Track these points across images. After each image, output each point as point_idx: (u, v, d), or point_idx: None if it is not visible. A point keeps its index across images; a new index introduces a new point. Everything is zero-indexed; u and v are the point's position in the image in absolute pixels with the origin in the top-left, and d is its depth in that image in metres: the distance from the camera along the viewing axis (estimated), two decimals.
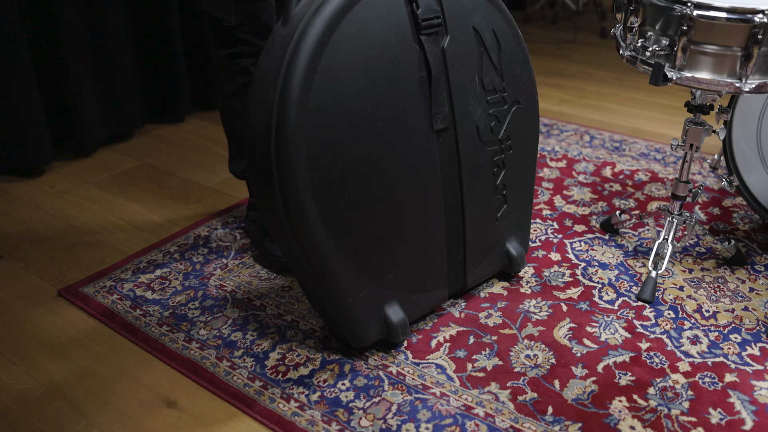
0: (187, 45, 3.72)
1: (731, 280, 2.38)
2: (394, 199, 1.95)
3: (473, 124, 2.08)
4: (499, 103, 2.14)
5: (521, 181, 2.30)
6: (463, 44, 2.02)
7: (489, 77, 2.10)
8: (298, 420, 1.84)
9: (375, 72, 1.83)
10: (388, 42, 1.84)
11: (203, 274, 2.45)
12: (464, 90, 2.04)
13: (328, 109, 1.76)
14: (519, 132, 2.22)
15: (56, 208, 2.91)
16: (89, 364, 2.06)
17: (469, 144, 2.09)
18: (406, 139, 1.93)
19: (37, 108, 3.10)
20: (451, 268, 2.19)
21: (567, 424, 1.82)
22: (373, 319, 2.02)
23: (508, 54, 2.15)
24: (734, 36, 1.93)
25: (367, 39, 1.80)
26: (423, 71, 1.93)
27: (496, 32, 2.11)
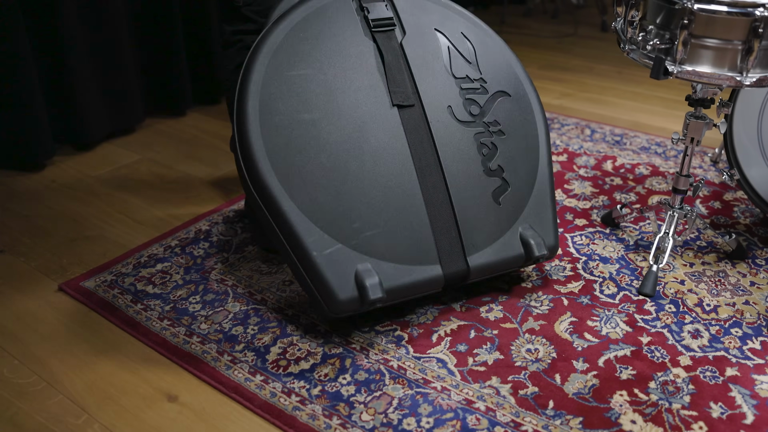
0: (188, 39, 3.72)
1: (732, 274, 2.38)
2: (355, 162, 2.08)
3: (443, 104, 2.23)
4: (477, 90, 2.29)
5: (527, 168, 2.28)
6: (422, 40, 2.28)
7: (458, 66, 2.30)
8: (299, 414, 1.84)
9: (329, 58, 2.15)
10: (342, 37, 2.19)
11: (204, 268, 2.45)
12: (428, 74, 2.24)
13: (282, 79, 2.09)
14: (512, 121, 2.31)
15: (57, 202, 2.91)
16: (90, 359, 2.06)
17: (441, 121, 2.21)
18: (364, 109, 2.14)
19: (38, 102, 3.10)
20: (443, 245, 2.12)
21: (568, 418, 1.82)
22: (344, 279, 1.98)
23: (486, 53, 2.37)
24: (735, 30, 1.93)
25: (320, 36, 2.17)
26: (377, 57, 2.22)
27: (465, 34, 2.37)
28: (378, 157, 2.10)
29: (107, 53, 3.37)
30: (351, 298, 1.98)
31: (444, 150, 2.18)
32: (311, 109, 2.08)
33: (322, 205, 2.00)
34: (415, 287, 2.07)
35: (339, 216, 2.01)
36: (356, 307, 2.00)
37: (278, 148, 2.02)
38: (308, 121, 2.07)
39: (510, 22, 5.81)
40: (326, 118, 2.09)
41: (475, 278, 2.18)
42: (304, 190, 2.00)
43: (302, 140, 2.04)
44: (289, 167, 2.01)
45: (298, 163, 2.02)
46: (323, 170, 2.03)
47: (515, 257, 2.20)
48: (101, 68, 3.37)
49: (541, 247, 2.19)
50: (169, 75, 3.70)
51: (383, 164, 2.10)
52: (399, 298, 2.07)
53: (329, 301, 1.98)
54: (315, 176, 2.02)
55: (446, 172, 2.16)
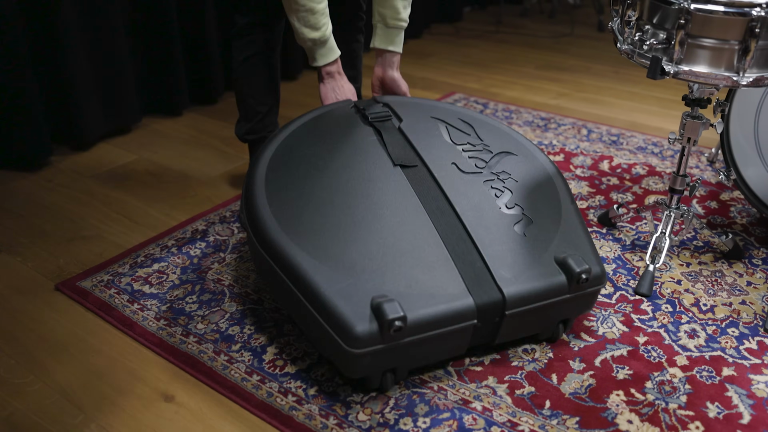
0: (185, 39, 3.72)
1: (729, 273, 2.38)
2: (363, 209, 2.03)
3: (448, 161, 2.24)
4: (481, 152, 2.32)
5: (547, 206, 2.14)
6: (420, 124, 2.40)
7: (458, 137, 2.37)
8: (295, 414, 1.84)
9: (332, 142, 2.28)
10: (343, 128, 2.35)
11: (201, 268, 2.45)
12: (429, 143, 2.31)
13: (288, 156, 2.23)
14: (521, 170, 2.28)
15: (54, 202, 2.91)
16: (87, 359, 2.06)
17: (448, 174, 2.19)
18: (368, 170, 2.18)
19: (35, 102, 3.09)
20: (468, 276, 1.88)
21: (564, 418, 1.82)
22: (359, 310, 1.76)
23: (485, 129, 2.45)
24: (732, 29, 1.93)
25: (323, 130, 2.35)
26: (371, 135, 2.34)
27: (462, 118, 2.49)
28: (386, 204, 2.05)
29: (104, 53, 3.37)
30: (370, 331, 1.73)
31: (454, 195, 2.11)
32: (315, 173, 2.14)
33: (332, 249, 1.90)
34: (444, 319, 1.81)
35: (350, 257, 1.88)
36: (377, 340, 1.75)
37: (284, 205, 2.03)
38: (313, 184, 2.10)
39: (507, 22, 5.81)
40: (331, 178, 2.12)
41: (513, 308, 1.88)
42: (311, 239, 1.92)
43: (307, 196, 2.06)
44: (296, 220, 1.98)
45: (306, 215, 1.99)
46: (330, 219, 1.99)
47: (556, 282, 1.93)
48: (98, 68, 3.37)
49: (581, 263, 1.93)
50: (166, 75, 3.70)
51: (392, 209, 2.04)
52: (427, 331, 1.80)
53: (345, 336, 1.75)
54: (321, 225, 1.97)
55: (460, 212, 2.05)
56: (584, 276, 1.91)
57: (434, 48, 5.07)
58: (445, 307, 1.81)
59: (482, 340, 1.96)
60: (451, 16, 5.76)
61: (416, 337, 1.79)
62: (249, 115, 2.77)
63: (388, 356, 1.80)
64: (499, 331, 1.94)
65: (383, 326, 1.72)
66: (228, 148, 3.38)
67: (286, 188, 2.08)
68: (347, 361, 1.78)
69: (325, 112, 2.46)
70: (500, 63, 4.75)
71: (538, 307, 1.93)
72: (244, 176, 3.00)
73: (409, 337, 1.78)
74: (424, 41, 5.22)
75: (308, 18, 2.38)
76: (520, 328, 1.97)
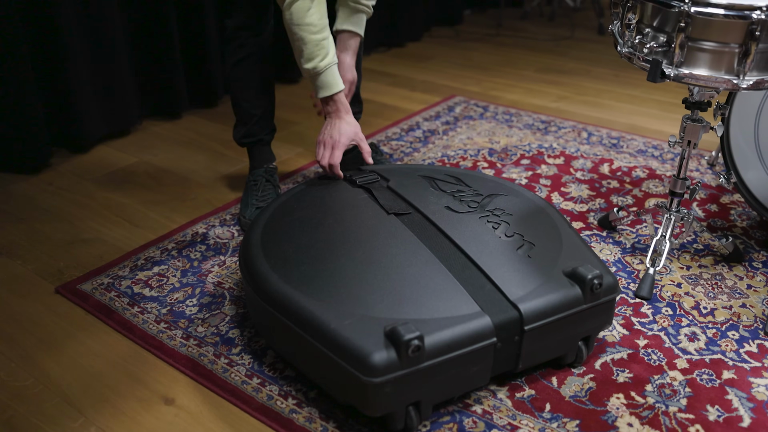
0: (184, 41, 3.72)
1: (729, 277, 2.38)
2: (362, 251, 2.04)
3: (441, 206, 2.28)
4: (471, 195, 2.35)
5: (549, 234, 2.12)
6: (409, 181, 2.45)
7: (446, 186, 2.42)
8: (295, 417, 1.84)
9: (321, 205, 2.33)
10: (334, 192, 2.41)
11: (201, 271, 2.45)
12: (419, 194, 2.35)
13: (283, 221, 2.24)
14: (516, 207, 2.30)
15: (54, 205, 2.91)
16: (87, 362, 2.06)
17: (443, 215, 2.22)
18: (363, 221, 2.22)
19: (34, 105, 3.09)
20: (480, 297, 1.84)
21: (565, 421, 1.82)
22: (373, 339, 1.69)
23: (472, 179, 2.48)
24: (732, 33, 1.93)
25: (312, 193, 2.41)
26: (362, 195, 2.38)
27: (449, 173, 2.53)
28: (385, 247, 2.06)
29: (103, 56, 3.37)
30: (387, 357, 1.66)
31: (453, 231, 2.12)
32: (311, 230, 2.16)
33: (336, 289, 1.87)
34: (463, 340, 1.74)
35: (356, 293, 1.85)
36: (396, 366, 1.66)
37: (283, 260, 2.01)
38: (309, 238, 2.11)
39: (507, 25, 5.81)
40: (327, 232, 2.15)
41: (531, 322, 1.82)
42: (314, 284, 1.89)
43: (305, 249, 2.06)
44: (296, 270, 1.96)
45: (305, 265, 1.98)
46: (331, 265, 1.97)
47: (571, 294, 1.88)
48: (97, 71, 3.37)
49: (590, 269, 1.89)
50: (165, 77, 3.70)
51: (392, 250, 2.04)
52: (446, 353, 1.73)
53: (362, 366, 1.66)
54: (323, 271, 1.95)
55: (461, 244, 2.05)
56: (597, 282, 1.87)
57: (434, 51, 5.07)
58: (462, 327, 1.75)
59: (506, 367, 1.88)
60: (451, 19, 5.75)
61: (436, 360, 1.71)
62: (244, 119, 2.78)
63: (409, 385, 1.70)
64: (521, 353, 1.86)
65: (400, 348, 1.64)
66: (227, 150, 3.38)
67: (284, 246, 2.08)
68: (367, 395, 1.68)
69: (314, 181, 2.50)
70: (500, 66, 4.75)
71: (557, 321, 1.87)
72: (244, 179, 3.00)
73: (428, 361, 1.70)
74: (425, 44, 5.22)
75: (302, 48, 2.38)
76: (542, 348, 1.90)
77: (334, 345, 1.71)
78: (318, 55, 2.38)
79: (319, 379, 1.87)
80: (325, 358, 1.74)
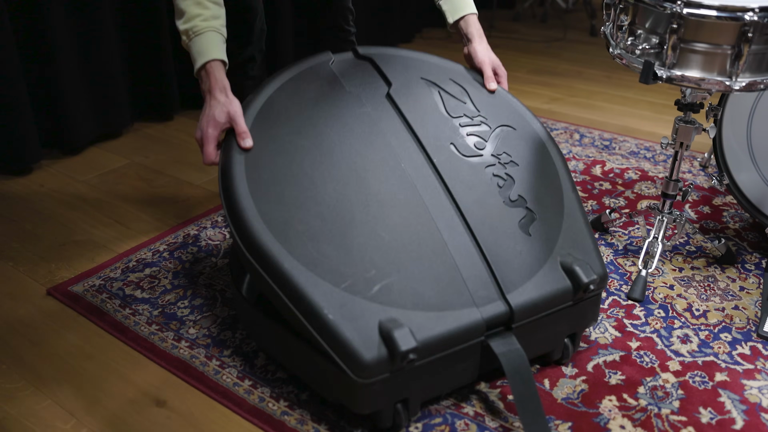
0: (176, 43, 3.70)
1: (721, 278, 2.38)
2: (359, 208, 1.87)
3: (446, 141, 2.08)
4: (478, 126, 2.15)
5: (551, 196, 2.04)
6: (411, 88, 2.20)
7: (453, 107, 2.18)
8: (287, 419, 1.83)
9: (315, 115, 2.06)
10: (324, 94, 2.13)
11: (193, 272, 2.44)
12: (424, 117, 2.12)
13: (267, 137, 1.99)
14: (522, 151, 2.13)
15: (45, 206, 2.90)
16: (78, 363, 2.05)
17: (447, 158, 2.04)
18: (361, 153, 1.99)
19: (25, 106, 3.08)
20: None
21: (557, 424, 1.81)
22: (367, 336, 1.65)
23: (480, 93, 2.26)
24: (724, 34, 1.93)
25: (302, 93, 2.12)
26: (365, 107, 2.11)
27: (454, 79, 2.29)
28: (384, 201, 1.90)
29: (94, 57, 3.36)
30: (379, 357, 1.63)
31: (455, 186, 1.96)
32: (301, 161, 1.94)
33: (329, 258, 1.75)
34: (452, 338, 1.73)
35: (349, 267, 1.75)
36: (387, 368, 1.65)
37: (271, 204, 1.83)
38: (300, 174, 1.91)
39: (499, 27, 5.82)
40: (320, 168, 1.94)
41: (521, 319, 1.81)
42: (305, 246, 1.76)
43: (296, 193, 1.87)
44: (286, 223, 1.80)
45: (295, 218, 1.81)
46: (324, 221, 1.82)
47: (562, 289, 1.87)
48: (88, 72, 3.37)
49: (589, 272, 1.87)
50: (157, 79, 3.69)
51: (391, 207, 1.89)
52: (436, 353, 1.72)
53: (353, 365, 1.64)
54: (316, 229, 1.80)
55: (463, 208, 1.93)
56: (591, 286, 1.86)
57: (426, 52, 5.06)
58: (453, 324, 1.72)
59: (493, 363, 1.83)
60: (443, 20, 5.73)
61: (425, 360, 1.70)
62: None
63: (398, 383, 1.70)
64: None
65: (395, 356, 1.62)
66: None
67: (270, 183, 1.88)
68: (355, 393, 1.68)
69: (304, 71, 2.20)
70: None
71: (545, 317, 1.86)
72: None
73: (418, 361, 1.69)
74: (416, 45, 5.23)
75: (178, 4, 2.07)
76: (528, 344, 1.86)
77: (327, 334, 1.67)
78: (194, 15, 2.04)
79: (305, 374, 1.88)
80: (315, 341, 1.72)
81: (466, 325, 1.73)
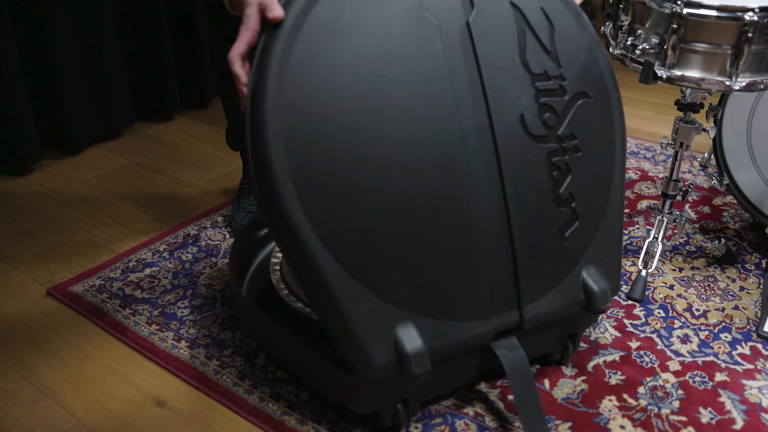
0: (176, 43, 3.70)
1: (721, 278, 2.38)
2: (402, 192, 1.59)
3: (515, 112, 1.72)
4: (555, 92, 1.78)
5: (600, 195, 1.86)
6: (495, 19, 1.71)
7: (537, 59, 1.76)
8: (287, 419, 1.83)
9: (372, 48, 1.58)
10: (391, 18, 1.60)
11: (192, 272, 2.44)
12: (500, 70, 1.71)
13: (311, 86, 1.53)
14: (590, 132, 1.83)
15: (45, 206, 2.90)
16: (78, 363, 2.05)
17: (511, 136, 1.71)
18: (416, 122, 1.61)
19: (25, 106, 3.08)
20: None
21: (557, 424, 1.81)
22: (381, 342, 1.58)
23: (567, 38, 1.80)
24: (724, 34, 1.93)
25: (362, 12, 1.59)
26: (437, 44, 1.64)
27: (546, 11, 1.78)
28: (429, 188, 1.62)
29: (94, 57, 3.36)
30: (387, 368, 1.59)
31: (510, 175, 1.70)
32: (352, 118, 1.55)
33: (361, 251, 1.56)
34: (460, 345, 1.68)
35: (380, 263, 1.57)
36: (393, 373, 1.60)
37: (308, 176, 1.52)
38: (347, 141, 1.55)
39: None
40: (368, 136, 1.57)
41: (528, 327, 1.77)
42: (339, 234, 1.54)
43: (339, 166, 1.55)
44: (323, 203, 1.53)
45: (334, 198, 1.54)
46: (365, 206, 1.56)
47: (575, 303, 1.82)
48: (88, 72, 3.36)
49: (606, 299, 1.80)
50: (157, 79, 3.68)
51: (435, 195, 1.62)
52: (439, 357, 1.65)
53: (362, 366, 1.58)
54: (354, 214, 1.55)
55: (510, 202, 1.70)
56: (603, 309, 1.82)
57: None
58: (465, 335, 1.67)
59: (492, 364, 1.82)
60: None
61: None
62: (235, 127, 2.74)
63: (398, 383, 1.67)
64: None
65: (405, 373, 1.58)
66: (220, 152, 3.37)
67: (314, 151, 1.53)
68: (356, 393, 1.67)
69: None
70: None
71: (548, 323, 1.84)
72: (236, 180, 2.99)
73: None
74: None
75: None
76: (529, 346, 1.83)
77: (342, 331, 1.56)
78: None
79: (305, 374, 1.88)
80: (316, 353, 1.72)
81: (476, 335, 1.70)
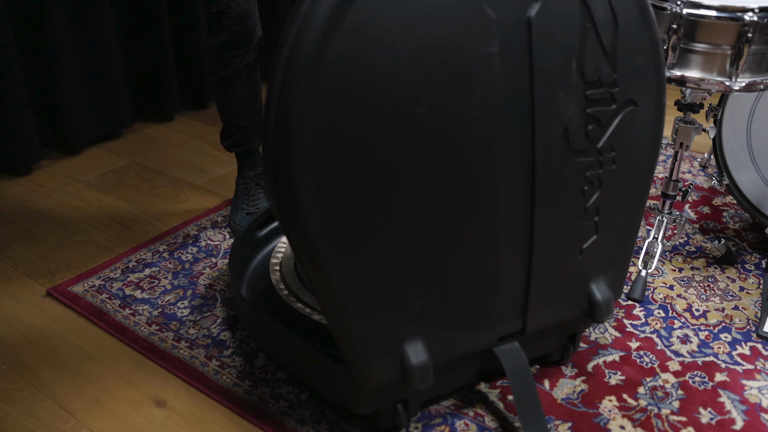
0: (176, 43, 3.70)
1: (721, 279, 2.38)
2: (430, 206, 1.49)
3: (561, 125, 1.58)
4: (604, 101, 1.62)
5: (623, 208, 1.77)
6: (559, 16, 1.52)
7: (594, 64, 1.58)
8: (287, 419, 1.83)
9: (422, 40, 1.39)
10: (448, 4, 1.40)
11: (192, 273, 2.44)
12: (553, 77, 1.54)
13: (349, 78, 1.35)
14: (629, 143, 1.70)
15: (45, 207, 2.90)
16: (78, 364, 2.05)
17: (552, 151, 1.58)
18: (456, 133, 1.47)
19: (24, 106, 3.08)
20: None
21: (557, 424, 1.81)
22: (387, 354, 1.55)
23: (627, 37, 1.61)
24: (724, 34, 1.94)
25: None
26: (493, 45, 1.46)
27: (613, 5, 1.57)
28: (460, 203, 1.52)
29: (94, 57, 3.35)
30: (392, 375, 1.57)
31: (543, 192, 1.60)
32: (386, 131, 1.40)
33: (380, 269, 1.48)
34: (464, 353, 1.69)
35: (398, 280, 1.51)
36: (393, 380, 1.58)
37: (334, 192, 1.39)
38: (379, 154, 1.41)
39: None
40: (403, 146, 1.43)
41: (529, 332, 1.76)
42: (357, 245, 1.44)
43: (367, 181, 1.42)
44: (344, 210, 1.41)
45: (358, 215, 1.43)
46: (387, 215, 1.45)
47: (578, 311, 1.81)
48: (88, 72, 3.36)
49: (609, 310, 1.78)
50: (157, 79, 3.68)
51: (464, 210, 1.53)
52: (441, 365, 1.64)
53: (365, 374, 1.56)
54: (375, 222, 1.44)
55: (537, 219, 1.62)
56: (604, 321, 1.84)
57: None
58: (468, 345, 1.67)
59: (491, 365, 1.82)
60: None
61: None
62: (231, 130, 2.71)
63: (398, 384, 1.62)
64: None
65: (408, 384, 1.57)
66: (219, 152, 3.37)
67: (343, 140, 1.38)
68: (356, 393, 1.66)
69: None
70: None
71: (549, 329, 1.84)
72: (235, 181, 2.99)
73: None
74: None
75: None
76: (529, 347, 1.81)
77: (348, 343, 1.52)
78: None
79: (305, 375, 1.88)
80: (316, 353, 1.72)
81: (480, 344, 1.71)
